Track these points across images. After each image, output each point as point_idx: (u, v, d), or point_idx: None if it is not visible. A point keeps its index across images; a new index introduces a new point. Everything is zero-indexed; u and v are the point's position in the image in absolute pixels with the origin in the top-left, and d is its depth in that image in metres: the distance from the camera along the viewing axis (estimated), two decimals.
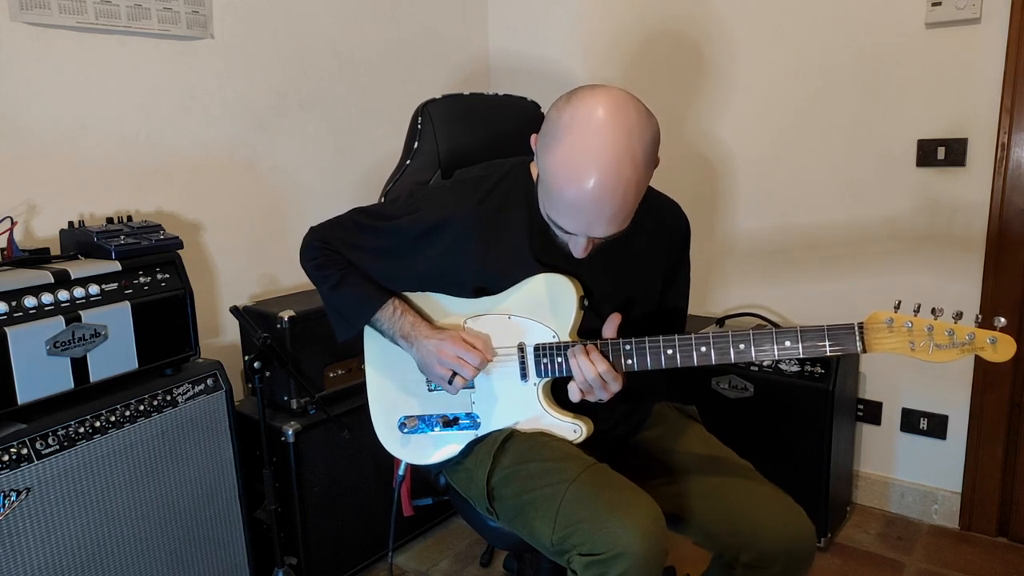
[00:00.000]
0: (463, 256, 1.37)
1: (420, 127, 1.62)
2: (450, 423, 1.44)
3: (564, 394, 1.36)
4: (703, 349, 1.25)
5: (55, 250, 1.73)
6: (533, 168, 1.37)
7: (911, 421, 2.35)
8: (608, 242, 1.27)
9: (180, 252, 1.77)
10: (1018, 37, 2.00)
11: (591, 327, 1.35)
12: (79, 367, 1.55)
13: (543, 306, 1.35)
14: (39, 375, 1.49)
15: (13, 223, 1.72)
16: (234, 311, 1.91)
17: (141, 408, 1.65)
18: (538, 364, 1.35)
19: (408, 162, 1.61)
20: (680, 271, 1.52)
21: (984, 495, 2.27)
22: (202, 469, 1.77)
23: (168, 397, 1.70)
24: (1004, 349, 1.09)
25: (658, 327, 1.41)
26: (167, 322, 1.71)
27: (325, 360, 2.06)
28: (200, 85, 2.10)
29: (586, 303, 1.34)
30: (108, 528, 1.60)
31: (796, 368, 2.19)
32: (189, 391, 1.74)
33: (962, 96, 2.11)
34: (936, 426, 2.32)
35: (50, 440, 1.50)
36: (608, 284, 1.38)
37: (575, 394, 1.31)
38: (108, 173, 1.93)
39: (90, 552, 1.57)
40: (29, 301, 1.48)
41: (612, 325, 1.31)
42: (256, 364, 1.84)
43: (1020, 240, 2.09)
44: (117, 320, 1.61)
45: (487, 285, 1.39)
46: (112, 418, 1.59)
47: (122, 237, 1.68)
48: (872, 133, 2.26)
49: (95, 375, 1.58)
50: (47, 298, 1.51)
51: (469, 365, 1.34)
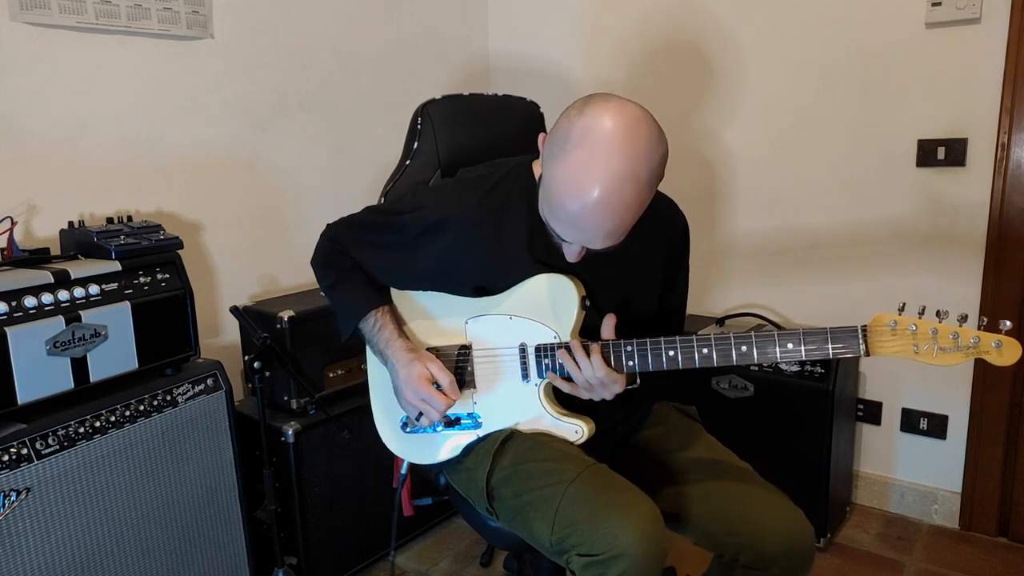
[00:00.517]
0: (464, 254, 1.38)
1: (420, 127, 1.62)
2: (452, 423, 1.44)
3: (565, 394, 1.36)
4: (705, 351, 1.25)
5: (55, 250, 1.73)
6: (535, 167, 1.37)
7: (911, 421, 2.35)
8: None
9: (180, 252, 1.77)
10: (1018, 37, 2.00)
11: (591, 326, 1.35)
12: (79, 367, 1.55)
13: (545, 306, 1.35)
14: (39, 375, 1.49)
15: (13, 223, 1.72)
16: (234, 311, 1.91)
17: (141, 408, 1.65)
18: (539, 364, 1.35)
19: (408, 162, 1.62)
20: (680, 271, 1.52)
21: (984, 495, 2.27)
22: (202, 469, 1.77)
23: (168, 397, 1.70)
24: (1009, 353, 1.08)
25: (657, 327, 1.41)
26: (167, 322, 1.71)
27: (325, 360, 2.06)
28: (200, 85, 2.10)
29: (587, 303, 1.34)
30: (108, 528, 1.60)
31: (796, 368, 2.19)
32: (189, 391, 1.74)
33: (962, 96, 2.11)
34: (936, 426, 2.32)
35: (50, 440, 1.50)
36: (608, 283, 1.38)
37: (564, 385, 1.33)
38: (108, 173, 1.93)
39: (90, 552, 1.57)
40: (29, 301, 1.48)
41: (609, 325, 1.31)
42: (256, 364, 1.84)
43: (1020, 240, 2.09)
44: (117, 320, 1.61)
45: (487, 284, 1.39)
46: (112, 418, 1.59)
47: (122, 237, 1.68)
48: (872, 133, 2.26)
49: (95, 375, 1.58)
50: (47, 298, 1.51)
51: (433, 410, 1.35)
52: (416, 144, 1.62)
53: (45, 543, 1.50)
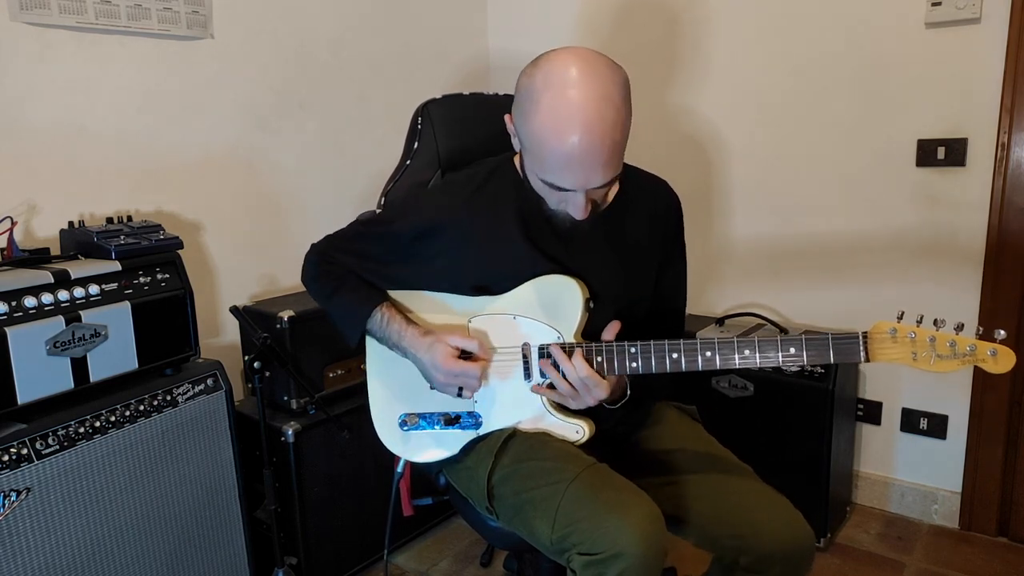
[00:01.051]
0: (460, 255, 1.38)
1: (420, 127, 1.62)
2: (451, 421, 1.44)
3: None
4: (707, 354, 1.25)
5: (55, 250, 1.73)
6: (518, 161, 1.38)
7: (911, 421, 2.36)
8: (604, 215, 1.29)
9: (180, 252, 1.77)
10: (1018, 37, 2.00)
11: (594, 327, 1.35)
12: (79, 367, 1.55)
13: (548, 307, 1.35)
14: (39, 375, 1.49)
15: (13, 223, 1.72)
16: (234, 311, 1.91)
17: (141, 408, 1.65)
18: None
19: (408, 162, 1.61)
20: (675, 253, 1.51)
21: (984, 495, 2.27)
22: (202, 469, 1.77)
23: (168, 397, 1.70)
24: (1004, 361, 1.13)
25: (658, 326, 1.41)
26: (167, 322, 1.71)
27: (325, 360, 2.06)
28: (200, 85, 2.10)
29: (591, 305, 1.34)
30: (108, 528, 1.60)
31: (796, 368, 2.19)
32: (189, 391, 1.74)
33: (962, 96, 2.11)
34: (936, 426, 2.32)
35: (50, 440, 1.50)
36: (607, 269, 1.38)
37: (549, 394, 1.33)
38: (108, 173, 1.93)
39: (90, 552, 1.57)
40: (29, 301, 1.48)
41: (611, 331, 1.31)
42: (256, 364, 1.84)
43: (1020, 240, 2.09)
44: (117, 320, 1.61)
45: (487, 282, 1.39)
46: (112, 418, 1.59)
47: (122, 237, 1.68)
48: (872, 133, 2.26)
49: (95, 375, 1.58)
50: (47, 298, 1.51)
51: (471, 379, 1.35)
52: (416, 144, 1.62)
53: (45, 543, 1.50)
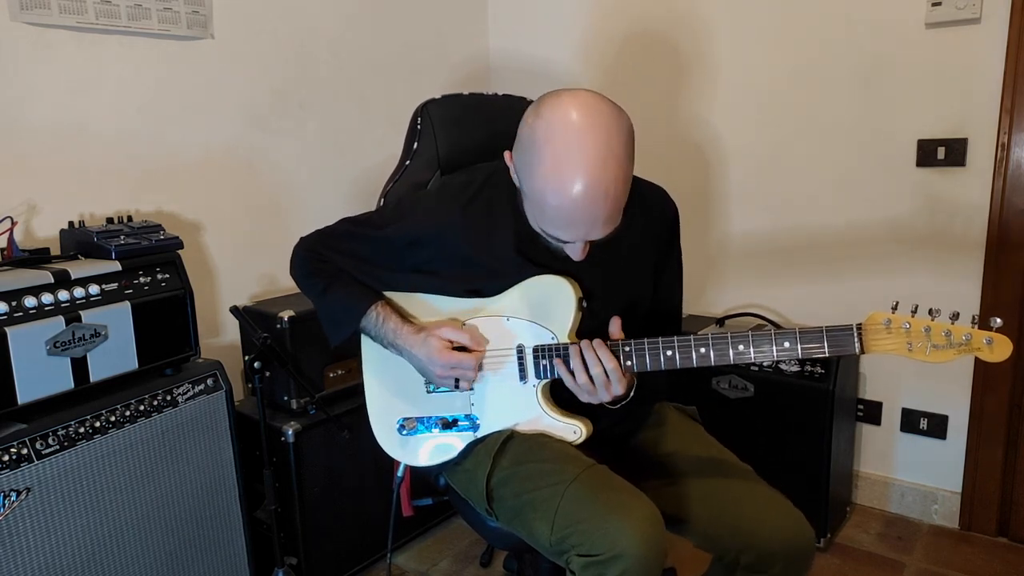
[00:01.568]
0: (453, 262, 1.38)
1: (420, 127, 1.62)
2: (449, 424, 1.44)
3: (564, 395, 1.36)
4: (702, 350, 1.25)
5: (55, 250, 1.73)
6: (514, 169, 1.37)
7: (911, 421, 2.35)
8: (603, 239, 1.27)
9: (180, 252, 1.77)
10: (1018, 37, 2.00)
11: (588, 327, 1.35)
12: (79, 367, 1.55)
13: (541, 307, 1.35)
14: (39, 375, 1.49)
15: (13, 223, 1.72)
16: (234, 311, 1.91)
17: (141, 408, 1.65)
18: (537, 366, 1.35)
19: (408, 162, 1.61)
20: (671, 259, 1.51)
21: (984, 495, 2.27)
22: (202, 469, 1.78)
23: (168, 397, 1.70)
24: (1000, 349, 1.10)
25: (654, 327, 1.41)
26: (167, 322, 1.71)
27: (325, 360, 2.06)
28: (200, 85, 2.10)
29: (585, 304, 1.34)
30: (108, 528, 1.60)
31: (796, 368, 2.19)
32: (189, 391, 1.74)
33: (962, 96, 2.11)
34: (936, 426, 2.32)
35: (50, 440, 1.50)
36: (602, 278, 1.38)
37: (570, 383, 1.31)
38: (108, 173, 1.94)
39: (90, 552, 1.57)
40: (29, 301, 1.48)
41: (616, 326, 1.31)
42: (256, 364, 1.84)
43: (1020, 240, 2.09)
44: (117, 320, 1.61)
45: (479, 288, 1.39)
46: (112, 418, 1.60)
47: (122, 237, 1.69)
48: (872, 133, 2.26)
49: (95, 375, 1.58)
50: (47, 298, 1.51)
51: (467, 371, 1.35)
52: (416, 144, 1.62)
53: (45, 543, 1.50)
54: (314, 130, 2.41)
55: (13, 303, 1.46)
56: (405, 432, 1.48)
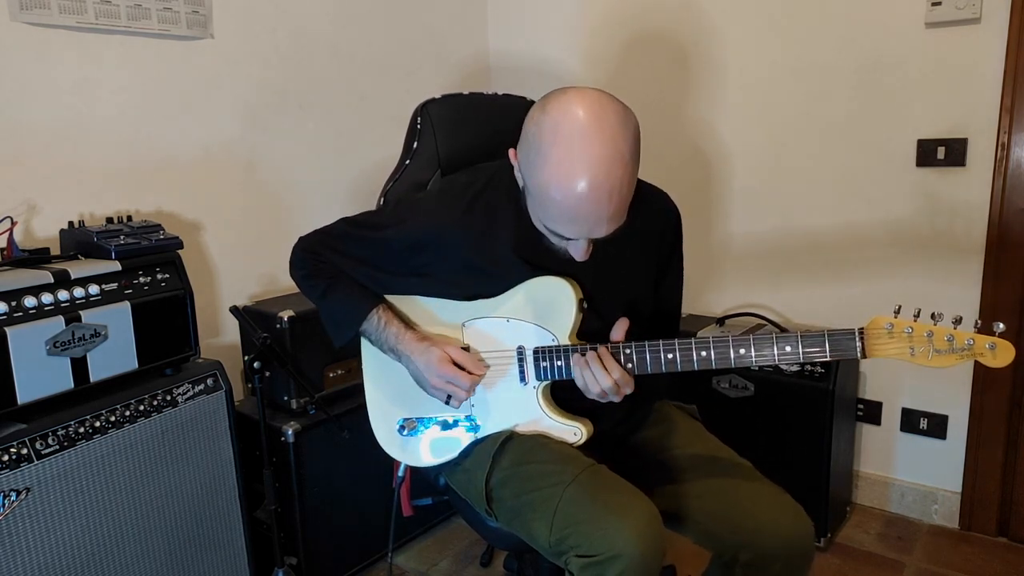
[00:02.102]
0: (454, 265, 1.37)
1: (419, 127, 1.62)
2: (449, 425, 1.44)
3: (564, 396, 1.36)
4: (703, 353, 1.25)
5: (55, 250, 1.73)
6: (517, 169, 1.37)
7: (911, 421, 2.35)
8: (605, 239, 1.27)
9: (180, 252, 1.77)
10: (1018, 37, 2.00)
11: (589, 329, 1.35)
12: (79, 367, 1.55)
13: (542, 309, 1.35)
14: (39, 375, 1.49)
15: (13, 223, 1.72)
16: (234, 311, 1.91)
17: (141, 408, 1.65)
18: (537, 367, 1.35)
19: (408, 162, 1.61)
20: (673, 263, 1.51)
21: (984, 495, 2.27)
22: (202, 469, 1.77)
23: (168, 397, 1.70)
24: (1003, 355, 1.10)
25: (653, 328, 1.41)
26: (167, 322, 1.71)
27: (325, 360, 2.06)
28: (200, 85, 2.10)
29: (585, 305, 1.34)
30: (108, 528, 1.60)
31: (796, 368, 2.19)
32: (189, 391, 1.74)
33: (962, 96, 2.11)
34: (936, 426, 2.32)
35: (50, 440, 1.50)
36: (603, 280, 1.38)
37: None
38: (108, 173, 1.94)
39: (90, 552, 1.57)
40: (29, 301, 1.48)
41: (620, 329, 1.30)
42: (256, 364, 1.84)
43: (1020, 240, 2.09)
44: (117, 320, 1.61)
45: (479, 291, 1.39)
46: (112, 418, 1.60)
47: (122, 237, 1.68)
48: (872, 133, 2.26)
49: (95, 375, 1.58)
50: (47, 298, 1.51)
51: (460, 389, 1.35)
52: (416, 144, 1.61)
53: (45, 543, 1.50)
54: (314, 130, 2.41)
55: (13, 303, 1.46)
56: (405, 432, 1.48)
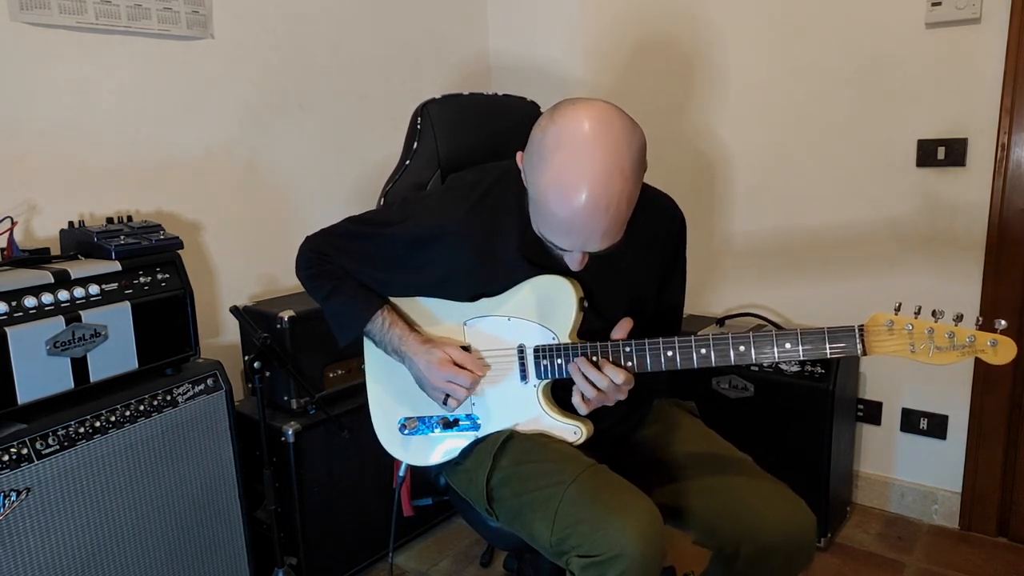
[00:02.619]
0: (457, 263, 1.38)
1: (419, 127, 1.62)
2: (450, 424, 1.44)
3: (564, 395, 1.36)
4: (703, 351, 1.25)
5: (55, 250, 1.73)
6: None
7: (911, 421, 2.35)
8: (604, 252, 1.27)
9: (180, 252, 1.77)
10: (1018, 37, 2.00)
11: (591, 327, 1.35)
12: (79, 367, 1.55)
13: (543, 307, 1.35)
14: (39, 375, 1.49)
15: (13, 223, 1.72)
16: (234, 311, 1.91)
17: (141, 408, 1.65)
18: (538, 366, 1.35)
19: (408, 162, 1.61)
20: (677, 266, 1.51)
21: (984, 495, 2.27)
22: (202, 469, 1.77)
23: (168, 397, 1.70)
24: (1004, 352, 1.09)
25: (655, 326, 1.41)
26: (167, 322, 1.71)
27: (325, 360, 2.06)
28: (200, 85, 2.10)
29: (586, 304, 1.34)
30: (108, 528, 1.60)
31: (796, 368, 2.19)
32: (189, 391, 1.74)
33: (962, 96, 2.11)
34: (936, 426, 2.32)
35: (50, 440, 1.50)
36: (606, 283, 1.38)
37: (583, 408, 1.31)
38: (108, 173, 1.94)
39: (90, 552, 1.57)
40: (29, 301, 1.48)
41: (624, 329, 1.30)
42: (256, 364, 1.84)
43: (1020, 240, 2.09)
44: (117, 320, 1.61)
45: (483, 291, 1.39)
46: (112, 418, 1.60)
47: (122, 237, 1.69)
48: (872, 133, 2.26)
49: (95, 375, 1.58)
50: (47, 298, 1.51)
51: (460, 388, 1.35)
52: (416, 144, 1.62)
53: (45, 543, 1.50)
54: (314, 130, 2.41)
55: (13, 303, 1.46)
56: (406, 432, 1.48)
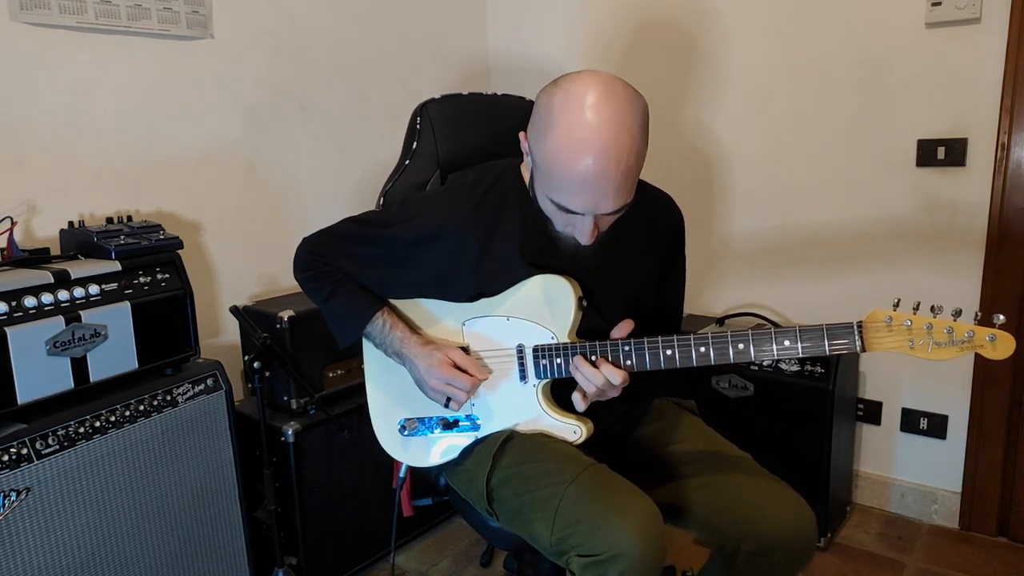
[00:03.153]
0: (459, 263, 1.38)
1: (419, 127, 1.62)
2: (450, 425, 1.44)
3: (564, 394, 1.36)
4: (702, 349, 1.25)
5: (55, 250, 1.73)
6: (524, 169, 1.37)
7: (911, 421, 2.35)
8: (608, 234, 1.27)
9: (180, 252, 1.77)
10: (1018, 37, 2.00)
11: (590, 327, 1.35)
12: (79, 367, 1.55)
13: (541, 307, 1.35)
14: (39, 375, 1.49)
15: (13, 223, 1.72)
16: (234, 311, 1.91)
17: (141, 408, 1.65)
18: (537, 365, 1.35)
19: (407, 162, 1.61)
20: (676, 264, 1.52)
21: (984, 495, 2.27)
22: (202, 469, 1.77)
23: (168, 397, 1.70)
24: (1003, 347, 1.09)
25: (655, 325, 1.41)
26: (167, 322, 1.71)
27: (325, 360, 2.06)
28: (200, 85, 2.10)
29: (584, 304, 1.34)
30: (108, 528, 1.60)
31: (796, 368, 2.19)
32: (189, 391, 1.74)
33: (962, 96, 2.11)
34: (936, 426, 2.32)
35: (50, 440, 1.50)
36: (605, 282, 1.38)
37: (581, 404, 1.31)
38: (108, 173, 1.94)
39: (90, 552, 1.57)
40: (29, 301, 1.48)
41: (623, 329, 1.30)
42: (256, 364, 1.84)
43: (1020, 240, 2.09)
44: (117, 320, 1.61)
45: (482, 290, 1.39)
46: (112, 418, 1.60)
47: (122, 237, 1.69)
48: (872, 133, 2.26)
49: (95, 375, 1.58)
50: (47, 298, 1.51)
51: (460, 391, 1.35)
52: (415, 144, 1.61)
53: (45, 543, 1.50)
54: (314, 130, 2.41)
55: (13, 303, 1.46)
56: (406, 433, 1.48)
